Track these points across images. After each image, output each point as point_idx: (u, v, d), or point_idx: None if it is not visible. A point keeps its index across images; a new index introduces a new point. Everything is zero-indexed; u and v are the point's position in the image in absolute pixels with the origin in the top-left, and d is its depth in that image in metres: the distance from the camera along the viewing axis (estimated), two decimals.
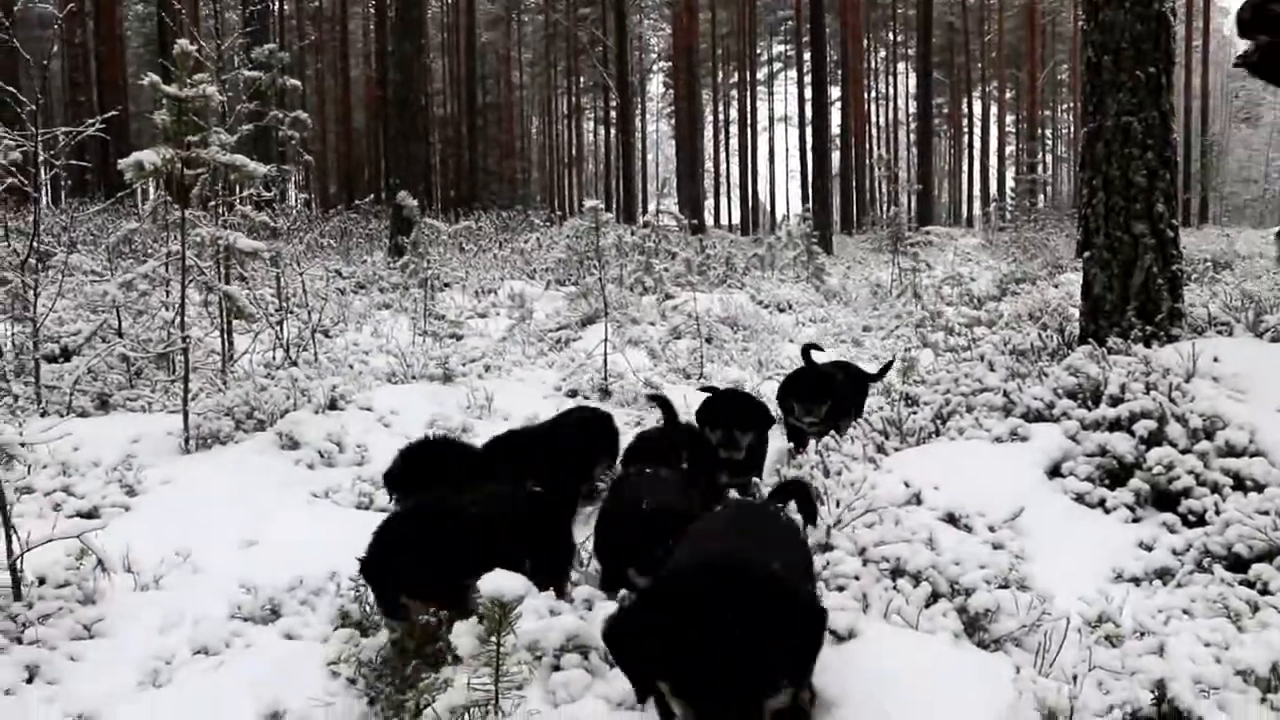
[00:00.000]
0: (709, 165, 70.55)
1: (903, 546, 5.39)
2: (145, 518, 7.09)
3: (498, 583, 4.01)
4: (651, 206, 40.03)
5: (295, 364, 11.00)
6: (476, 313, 16.54)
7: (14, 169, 9.51)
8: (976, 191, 70.92)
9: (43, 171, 10.46)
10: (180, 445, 8.40)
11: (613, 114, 58.90)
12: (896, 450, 7.52)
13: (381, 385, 10.20)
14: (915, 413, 8.39)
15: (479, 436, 8.46)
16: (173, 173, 8.14)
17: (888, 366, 10.33)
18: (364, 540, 4.87)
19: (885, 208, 49.19)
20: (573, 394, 10.77)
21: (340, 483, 7.75)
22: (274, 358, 11.35)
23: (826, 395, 8.28)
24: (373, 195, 32.39)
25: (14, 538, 5.16)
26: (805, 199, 54.82)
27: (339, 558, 5.74)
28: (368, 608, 5.16)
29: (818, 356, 8.97)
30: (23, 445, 5.82)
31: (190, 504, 7.30)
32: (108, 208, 20.44)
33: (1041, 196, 56.31)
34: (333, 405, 9.06)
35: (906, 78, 74.14)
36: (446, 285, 18.52)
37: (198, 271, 8.98)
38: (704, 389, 8.01)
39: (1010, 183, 58.16)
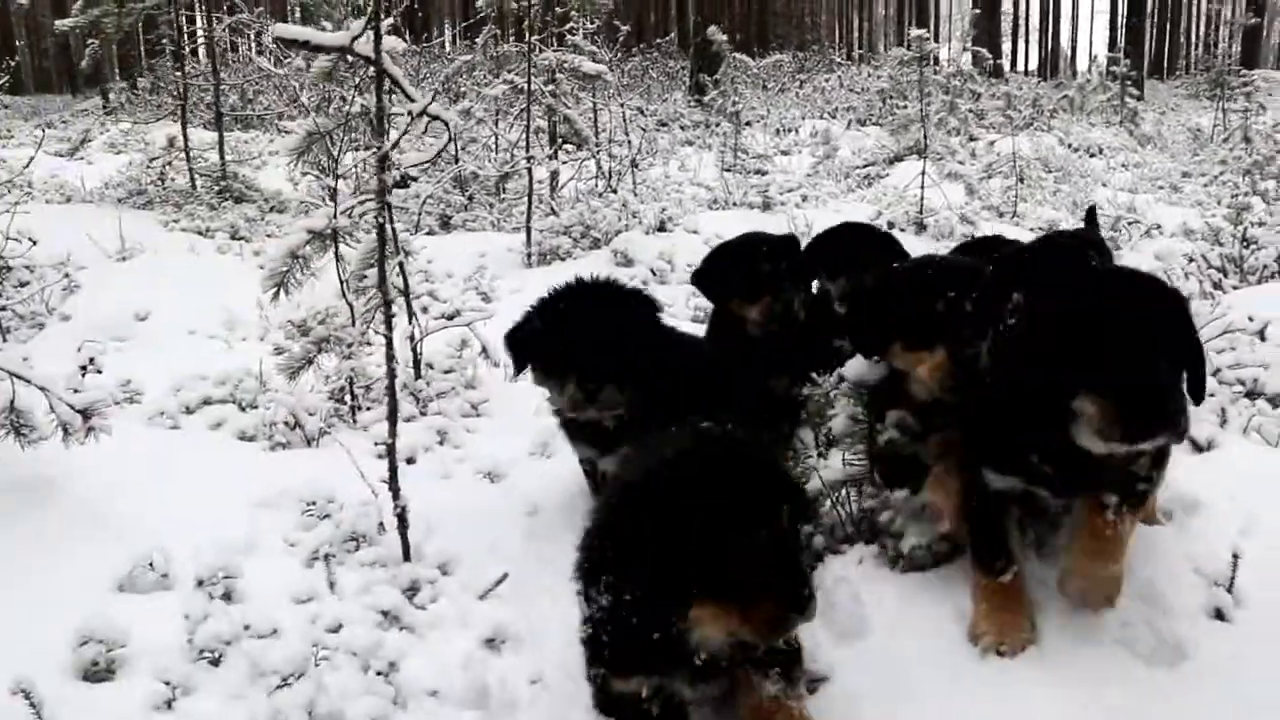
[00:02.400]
0: (1007, 5, 66.16)
1: (1258, 370, 5.27)
2: (502, 321, 7.68)
3: (859, 368, 4.18)
4: (950, 47, 38.14)
5: (615, 192, 11.43)
6: (779, 150, 16.53)
7: None
8: None
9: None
10: (523, 260, 9.01)
11: None
12: (1235, 289, 7.20)
13: (704, 211, 10.49)
14: (1255, 251, 7.95)
15: None
16: (503, 5, 8.49)
17: None
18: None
19: (1204, 49, 44.74)
20: (890, 225, 10.70)
21: (674, 298, 8.12)
22: (596, 185, 11.83)
23: None
24: (671, 34, 32.41)
25: (416, 325, 5.78)
26: (1111, 43, 50.42)
27: None
28: None
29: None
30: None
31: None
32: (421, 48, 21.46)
33: None
34: (661, 227, 9.43)
35: None
36: (748, 124, 18.55)
37: (541, 95, 9.42)
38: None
39: None
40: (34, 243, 9.29)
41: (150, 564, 3.95)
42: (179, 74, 12.58)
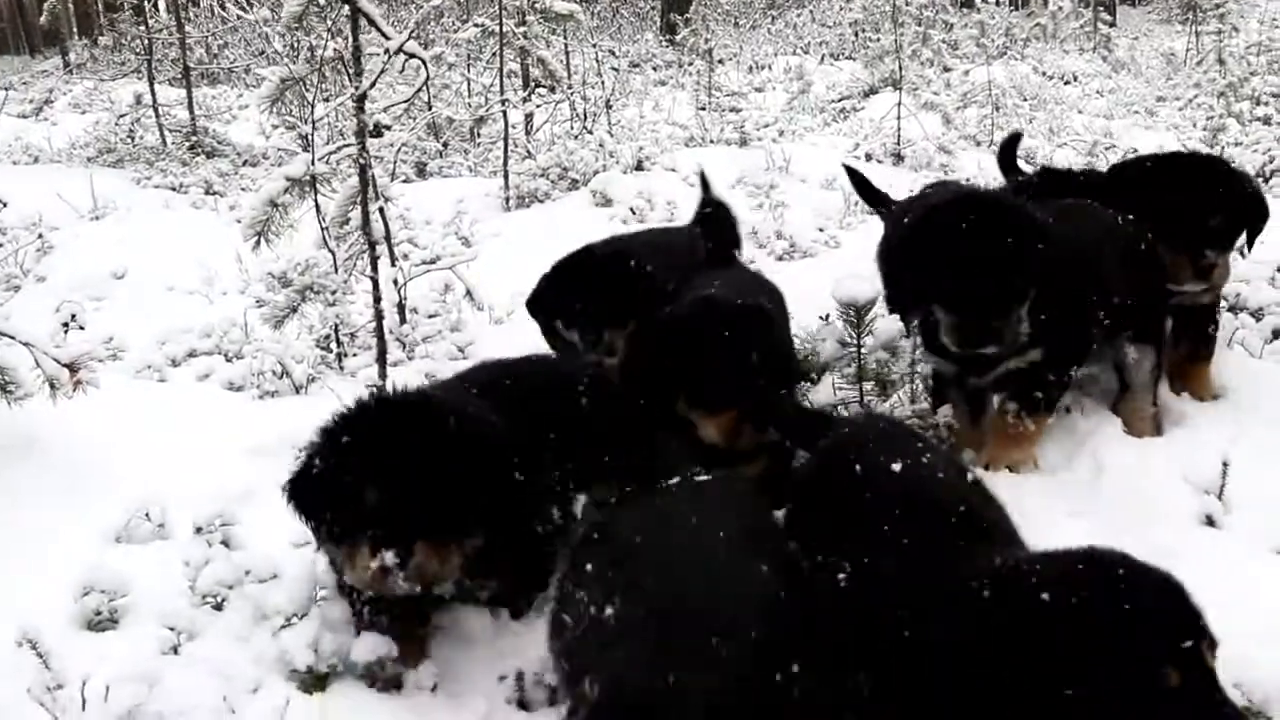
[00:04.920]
0: None
1: (1240, 285, 5.37)
2: (483, 265, 7.65)
3: (851, 288, 4.19)
4: None
5: (590, 133, 11.34)
6: (754, 87, 16.42)
7: None
8: None
9: None
10: (502, 204, 8.96)
11: None
12: None
13: (681, 149, 10.43)
14: None
15: (785, 193, 8.58)
16: None
17: None
18: None
19: None
20: (868, 157, 10.68)
21: None
22: (571, 128, 11.73)
23: None
24: None
25: (399, 269, 5.75)
26: None
27: None
28: None
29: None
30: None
31: (519, 252, 7.81)
32: None
33: None
34: (639, 166, 9.39)
35: None
36: (720, 62, 18.38)
37: (513, 37, 9.30)
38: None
39: None
40: (3, 204, 9.18)
41: (147, 514, 3.94)
42: (142, 29, 12.35)
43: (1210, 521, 3.63)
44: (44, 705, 2.79)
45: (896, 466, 2.70)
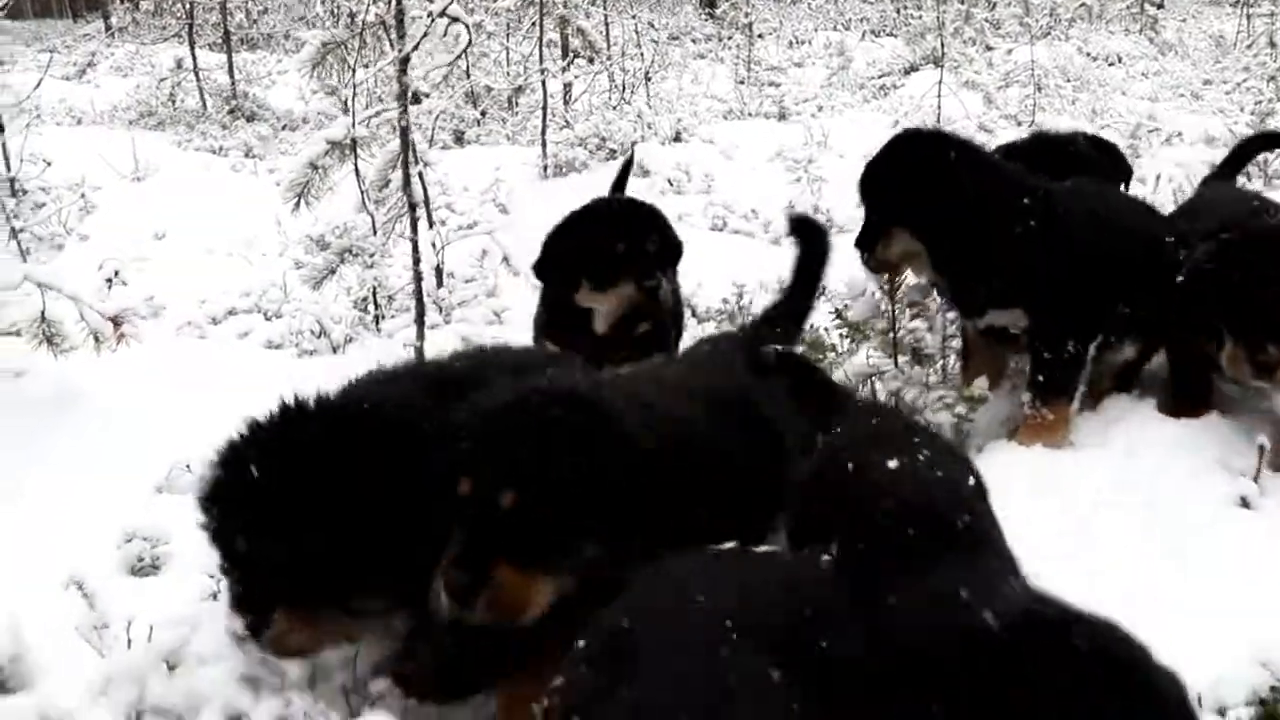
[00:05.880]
0: None
1: None
2: (520, 232, 7.67)
3: None
4: None
5: (629, 104, 11.33)
6: (793, 62, 16.33)
7: None
8: None
9: None
10: (539, 173, 8.98)
11: None
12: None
13: (719, 121, 10.41)
14: None
15: (823, 168, 8.54)
16: None
17: None
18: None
19: None
20: None
21: (691, 208, 8.10)
22: (609, 98, 11.73)
23: None
24: None
25: (437, 233, 5.79)
26: None
27: (699, 270, 6.09)
28: None
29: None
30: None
31: (555, 220, 7.83)
32: None
33: None
34: (677, 138, 9.39)
35: None
36: (760, 36, 18.29)
37: (552, 6, 9.30)
38: None
39: None
40: (48, 164, 9.28)
41: (188, 466, 4.00)
42: None
43: (1245, 503, 3.61)
44: (90, 643, 2.86)
45: (887, 472, 2.48)
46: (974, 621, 1.79)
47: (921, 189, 3.96)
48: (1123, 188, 5.37)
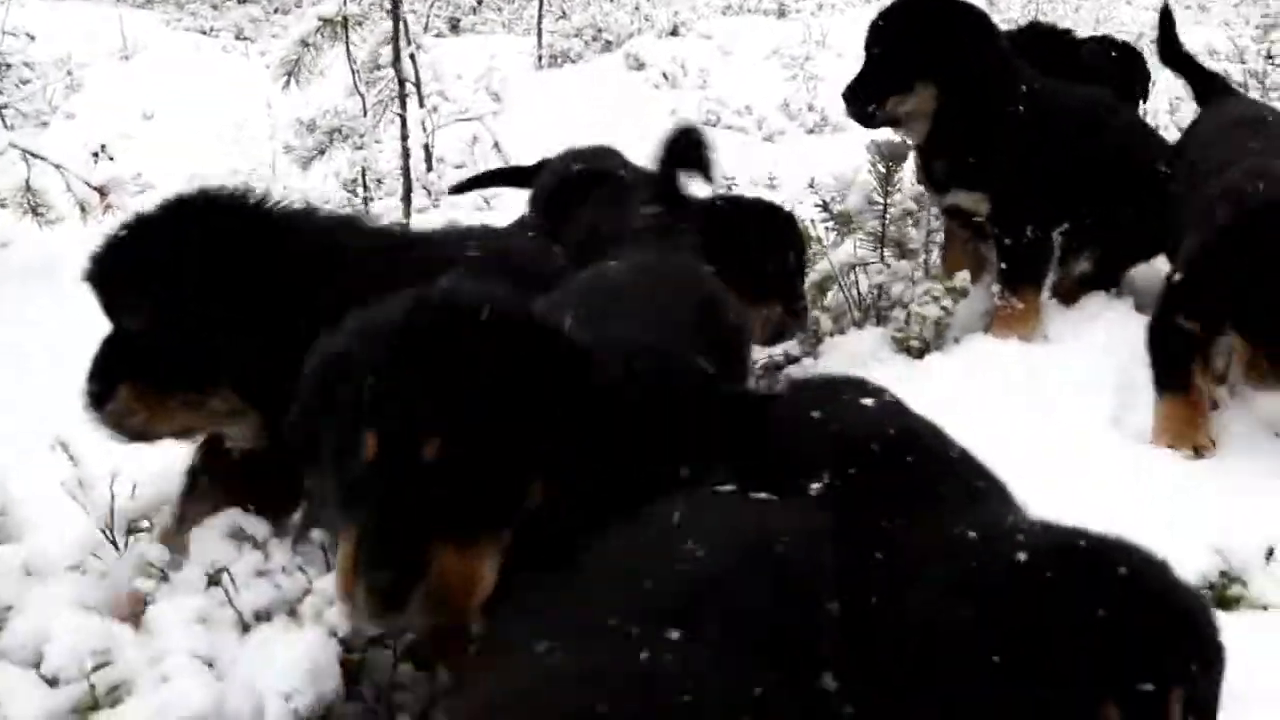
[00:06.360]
0: None
1: None
2: (513, 120, 7.62)
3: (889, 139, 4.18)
4: None
5: None
6: None
7: None
8: None
9: None
10: (535, 63, 8.89)
11: None
12: None
13: (717, 16, 10.27)
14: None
15: (820, 67, 8.45)
16: None
17: None
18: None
19: None
20: None
21: (685, 103, 8.03)
22: None
23: None
24: None
25: (428, 116, 5.75)
26: None
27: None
28: None
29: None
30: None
31: (549, 110, 7.79)
32: None
33: None
34: (674, 32, 9.27)
35: None
36: None
37: None
38: None
39: None
40: (31, 38, 9.12)
41: None
42: None
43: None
44: (76, 499, 2.92)
45: (872, 408, 2.25)
46: (1009, 555, 1.64)
47: (957, 44, 3.84)
48: (1140, 94, 5.34)
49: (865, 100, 4.00)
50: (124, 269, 2.55)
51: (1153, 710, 1.50)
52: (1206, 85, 4.57)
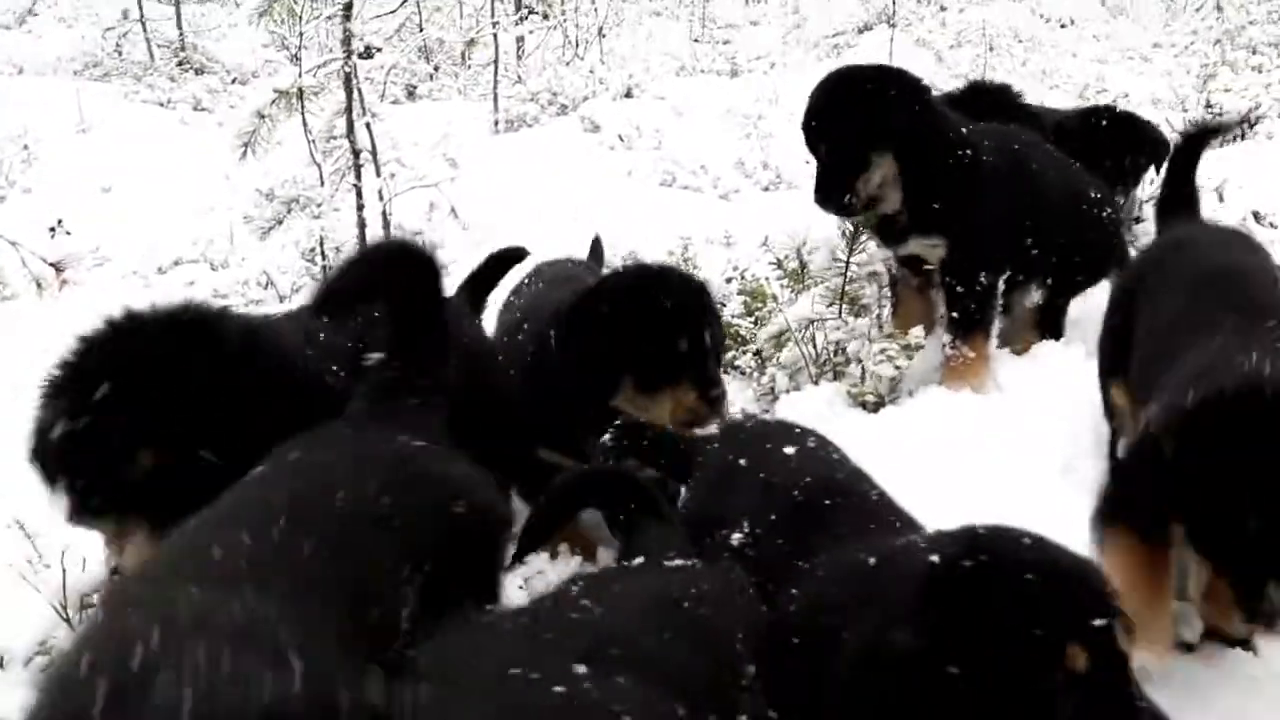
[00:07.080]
0: None
1: None
2: (469, 186, 7.67)
3: None
4: None
5: (582, 59, 11.31)
6: (750, 21, 16.33)
7: None
8: None
9: None
10: (491, 127, 8.97)
11: None
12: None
13: (671, 78, 10.42)
14: (1218, 117, 8.14)
15: (773, 125, 8.60)
16: None
17: None
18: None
19: None
20: None
21: (641, 163, 8.13)
22: (563, 54, 11.70)
23: None
24: None
25: (385, 184, 5.79)
26: None
27: (646, 226, 6.13)
28: None
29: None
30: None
31: (506, 175, 7.85)
32: None
33: None
34: (628, 94, 9.39)
35: None
36: None
37: None
38: None
39: None
40: None
41: None
42: None
43: None
44: (28, 581, 2.92)
45: (792, 455, 2.46)
46: (922, 563, 1.78)
47: (886, 103, 3.90)
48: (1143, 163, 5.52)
49: (836, 193, 3.99)
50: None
51: (1107, 639, 1.69)
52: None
